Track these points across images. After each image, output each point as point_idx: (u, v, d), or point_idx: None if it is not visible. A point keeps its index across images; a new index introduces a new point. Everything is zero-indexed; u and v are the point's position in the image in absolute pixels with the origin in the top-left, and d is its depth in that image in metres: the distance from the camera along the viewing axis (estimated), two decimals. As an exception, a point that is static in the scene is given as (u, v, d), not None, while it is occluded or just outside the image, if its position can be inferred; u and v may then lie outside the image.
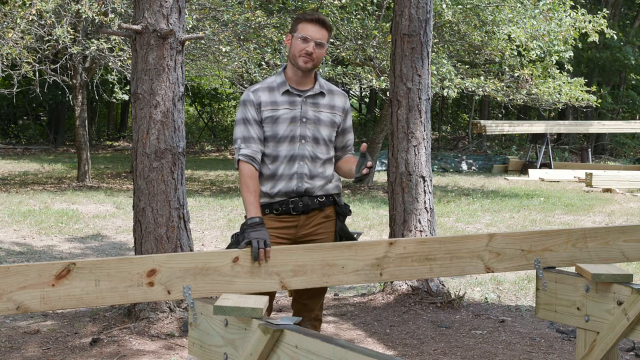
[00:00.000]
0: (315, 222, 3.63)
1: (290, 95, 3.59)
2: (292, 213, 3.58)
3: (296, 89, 3.60)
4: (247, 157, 3.51)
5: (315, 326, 3.72)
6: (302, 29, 3.55)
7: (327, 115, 3.64)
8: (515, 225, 11.07)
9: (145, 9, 5.43)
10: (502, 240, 3.58)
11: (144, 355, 5.03)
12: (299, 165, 3.58)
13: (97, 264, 2.91)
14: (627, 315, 3.28)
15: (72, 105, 16.01)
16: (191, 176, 18.12)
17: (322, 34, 3.56)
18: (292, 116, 3.57)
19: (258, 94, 3.58)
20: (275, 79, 3.64)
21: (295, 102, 3.59)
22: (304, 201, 3.59)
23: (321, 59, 3.61)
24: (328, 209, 3.67)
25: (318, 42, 3.54)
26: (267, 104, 3.56)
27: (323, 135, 3.62)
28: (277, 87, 3.60)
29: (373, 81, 14.54)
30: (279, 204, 3.58)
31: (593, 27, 14.80)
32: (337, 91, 3.72)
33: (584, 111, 26.11)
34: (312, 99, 3.61)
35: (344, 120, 3.71)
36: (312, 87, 3.63)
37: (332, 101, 3.67)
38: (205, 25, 13.41)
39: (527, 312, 6.29)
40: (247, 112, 3.56)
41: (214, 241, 9.44)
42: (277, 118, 3.55)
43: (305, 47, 3.53)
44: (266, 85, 3.61)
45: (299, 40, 3.54)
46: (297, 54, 3.54)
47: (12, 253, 8.44)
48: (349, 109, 3.74)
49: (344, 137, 3.74)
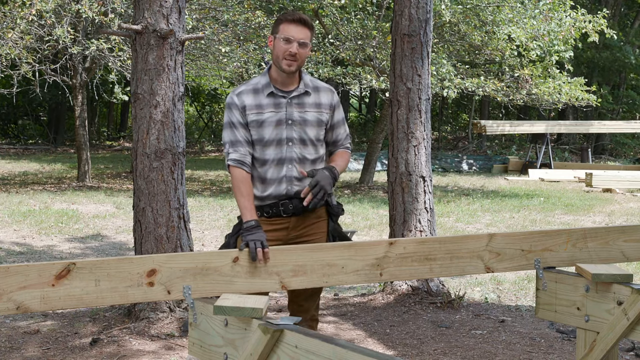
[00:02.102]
0: (306, 224, 3.60)
1: (274, 97, 3.54)
2: (283, 215, 3.56)
3: (281, 90, 3.56)
4: (236, 162, 3.49)
5: (312, 326, 3.71)
6: (283, 29, 3.51)
7: (314, 114, 3.59)
8: (515, 225, 11.07)
9: (145, 9, 5.43)
10: (502, 240, 3.58)
11: (144, 355, 5.03)
12: (287, 168, 3.54)
13: (97, 264, 2.91)
14: (627, 315, 3.28)
15: (72, 105, 16.01)
16: (191, 176, 18.12)
17: (304, 33, 3.52)
18: (278, 119, 3.53)
19: (242, 98, 3.54)
20: (260, 80, 3.59)
21: (280, 104, 3.54)
22: (294, 203, 3.55)
23: (305, 59, 3.57)
24: (319, 209, 3.63)
25: (301, 42, 3.50)
26: (251, 107, 3.52)
27: (310, 136, 3.57)
28: (262, 88, 3.56)
29: (373, 82, 14.54)
30: (269, 206, 3.56)
31: (593, 27, 14.80)
32: (323, 87, 3.66)
33: (584, 111, 26.12)
34: (297, 99, 3.57)
35: (332, 116, 3.66)
36: (297, 86, 3.58)
37: (318, 99, 3.62)
38: (205, 25, 13.41)
39: (527, 312, 6.29)
40: (232, 116, 3.54)
41: (214, 241, 9.44)
42: (262, 122, 3.52)
43: (288, 48, 3.48)
44: (251, 87, 3.57)
45: (281, 41, 3.50)
46: (280, 55, 3.49)
47: (12, 253, 8.44)
48: (336, 104, 3.68)
49: (334, 132, 3.69)
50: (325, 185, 3.45)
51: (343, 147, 3.73)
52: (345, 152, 3.71)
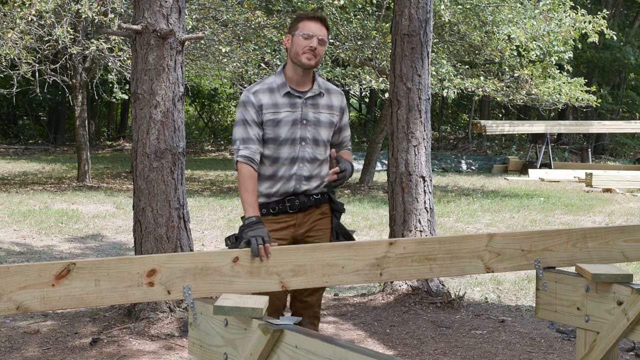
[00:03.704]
0: (312, 219, 3.66)
1: (290, 97, 3.61)
2: (289, 211, 3.62)
3: (296, 90, 3.63)
4: (246, 158, 3.54)
5: (314, 324, 3.74)
6: (303, 26, 3.59)
7: (326, 116, 3.68)
8: (515, 225, 11.07)
9: (145, 9, 5.43)
10: (502, 240, 3.58)
11: (143, 355, 5.03)
12: (299, 167, 3.61)
13: (97, 264, 2.91)
14: (627, 315, 3.28)
15: (72, 105, 16.00)
16: (191, 176, 18.12)
17: (323, 31, 3.61)
18: (294, 119, 3.60)
19: (259, 96, 3.59)
20: (275, 79, 3.65)
21: (296, 104, 3.61)
22: (300, 199, 3.63)
23: (322, 57, 3.65)
24: (324, 206, 3.71)
25: (320, 38, 3.58)
26: (268, 106, 3.58)
27: (323, 137, 3.66)
28: (278, 88, 3.61)
29: (372, 82, 14.54)
30: (276, 203, 3.61)
31: (593, 28, 14.80)
32: (334, 90, 3.76)
33: (584, 111, 26.11)
34: (312, 100, 3.64)
35: (341, 118, 3.76)
36: (311, 87, 3.66)
37: (330, 101, 3.71)
38: (205, 26, 13.41)
39: (527, 312, 6.29)
40: (247, 114, 3.58)
41: (214, 241, 9.44)
42: (279, 121, 3.58)
43: (309, 43, 3.56)
44: (266, 87, 3.62)
45: (300, 37, 3.57)
46: (300, 51, 3.57)
47: (12, 253, 8.44)
48: (345, 107, 3.78)
49: (341, 134, 3.79)
50: (347, 175, 3.61)
51: (347, 149, 3.84)
52: (349, 152, 3.82)
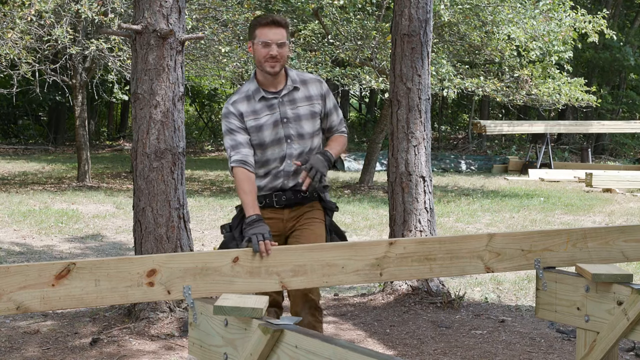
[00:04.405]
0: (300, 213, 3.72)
1: (266, 100, 3.66)
2: (275, 206, 3.68)
3: (270, 92, 3.67)
4: (239, 162, 3.58)
5: (314, 315, 3.71)
6: (260, 34, 3.61)
7: (306, 108, 3.70)
8: (515, 225, 11.07)
9: (145, 9, 5.43)
10: (502, 240, 3.58)
11: (143, 355, 5.03)
12: (287, 164, 3.68)
13: (97, 264, 2.92)
14: (627, 315, 3.28)
15: (72, 105, 15.99)
16: (191, 176, 18.11)
17: (280, 33, 3.61)
18: (274, 120, 3.65)
19: (237, 106, 3.66)
20: (250, 86, 3.70)
21: (273, 105, 3.66)
22: (287, 195, 3.68)
23: (287, 57, 3.67)
24: (313, 203, 3.76)
25: (279, 42, 3.59)
26: (248, 113, 3.64)
27: (307, 130, 3.69)
28: (253, 94, 3.67)
29: (372, 82, 14.54)
30: (263, 197, 3.68)
31: (593, 28, 14.80)
32: (311, 79, 3.77)
33: (583, 111, 26.10)
34: (287, 97, 3.68)
35: (324, 105, 3.76)
36: (285, 84, 3.69)
37: (308, 92, 3.72)
38: (205, 25, 13.41)
39: (527, 312, 6.29)
40: (231, 124, 3.64)
41: (214, 241, 9.43)
42: (260, 126, 3.64)
43: (268, 51, 3.59)
44: (243, 95, 3.68)
45: (259, 46, 3.60)
46: (262, 60, 3.60)
47: (12, 253, 8.44)
48: (326, 92, 3.78)
49: (328, 119, 3.80)
50: (320, 168, 3.56)
51: (338, 132, 3.84)
52: (340, 136, 3.82)
